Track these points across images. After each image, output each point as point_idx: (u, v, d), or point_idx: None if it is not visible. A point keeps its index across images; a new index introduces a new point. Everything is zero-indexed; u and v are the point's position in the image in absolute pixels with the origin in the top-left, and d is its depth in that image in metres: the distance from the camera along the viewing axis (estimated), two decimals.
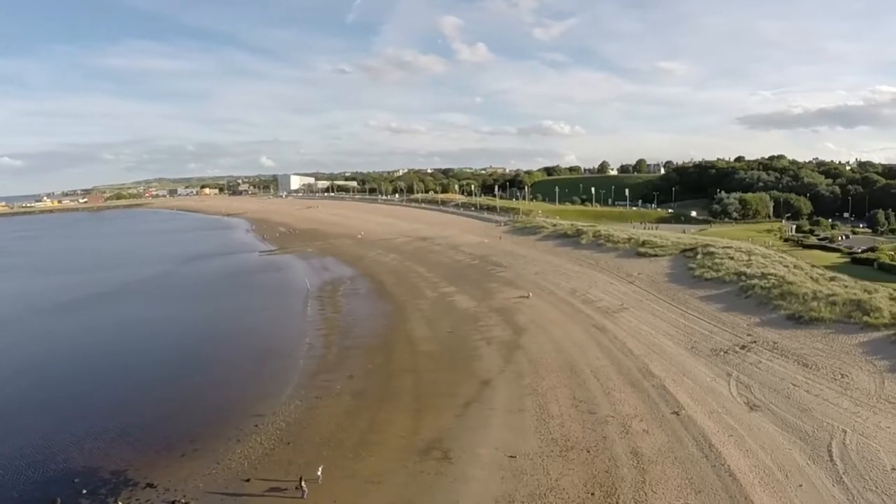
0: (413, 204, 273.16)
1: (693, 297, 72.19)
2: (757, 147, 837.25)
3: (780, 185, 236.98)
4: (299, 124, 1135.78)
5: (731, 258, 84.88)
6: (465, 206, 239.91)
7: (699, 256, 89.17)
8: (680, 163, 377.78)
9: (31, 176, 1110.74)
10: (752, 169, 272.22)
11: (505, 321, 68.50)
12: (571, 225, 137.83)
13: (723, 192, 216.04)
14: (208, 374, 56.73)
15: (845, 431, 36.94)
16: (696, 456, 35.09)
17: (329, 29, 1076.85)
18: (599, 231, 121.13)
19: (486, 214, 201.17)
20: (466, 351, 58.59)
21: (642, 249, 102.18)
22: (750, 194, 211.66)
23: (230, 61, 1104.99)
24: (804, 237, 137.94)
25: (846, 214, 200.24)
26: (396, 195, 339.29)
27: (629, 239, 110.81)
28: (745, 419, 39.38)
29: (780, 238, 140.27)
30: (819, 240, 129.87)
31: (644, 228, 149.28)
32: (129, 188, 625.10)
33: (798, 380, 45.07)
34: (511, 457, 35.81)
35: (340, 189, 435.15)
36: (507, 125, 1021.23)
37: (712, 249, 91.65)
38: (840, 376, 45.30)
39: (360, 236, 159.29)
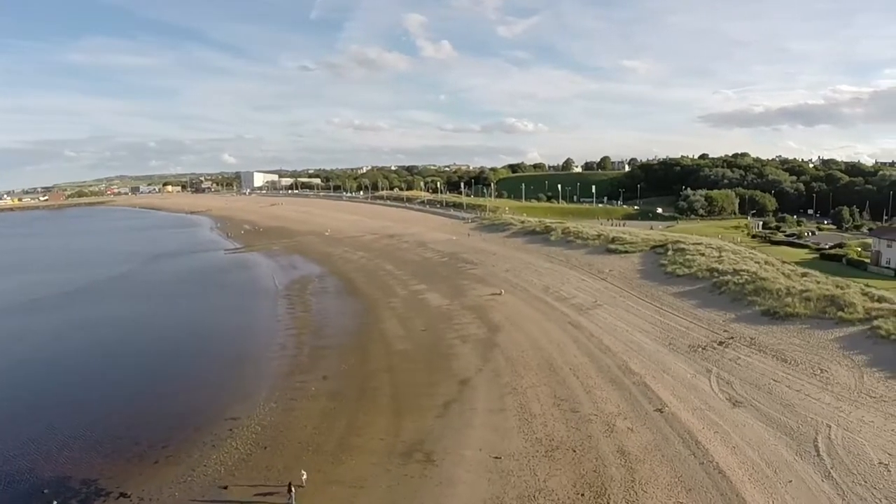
0: (378, 201, 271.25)
1: (667, 294, 72.24)
2: (719, 145, 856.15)
3: (746, 183, 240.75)
4: (262, 121, 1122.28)
5: (703, 254, 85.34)
6: (430, 203, 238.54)
7: (670, 253, 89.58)
8: (645, 160, 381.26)
9: None
10: (717, 166, 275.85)
11: (479, 319, 67.56)
12: (540, 222, 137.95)
13: (689, 189, 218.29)
14: (179, 377, 54.44)
15: (829, 426, 36.85)
16: (684, 454, 34.56)
17: (293, 25, 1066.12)
18: (568, 228, 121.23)
19: (452, 211, 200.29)
20: (442, 350, 57.41)
21: (612, 246, 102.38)
22: (716, 191, 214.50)
23: (193, 57, 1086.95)
24: (771, 234, 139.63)
25: (810, 211, 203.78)
26: (361, 192, 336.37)
27: (599, 236, 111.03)
28: (728, 415, 39.06)
29: (748, 234, 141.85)
30: (786, 236, 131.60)
31: (612, 225, 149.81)
32: (91, 186, 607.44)
33: (778, 375, 45.03)
34: (496, 458, 34.80)
35: (305, 186, 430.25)
36: (471, 122, 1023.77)
37: (683, 246, 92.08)
38: (819, 371, 45.41)
39: (326, 234, 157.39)
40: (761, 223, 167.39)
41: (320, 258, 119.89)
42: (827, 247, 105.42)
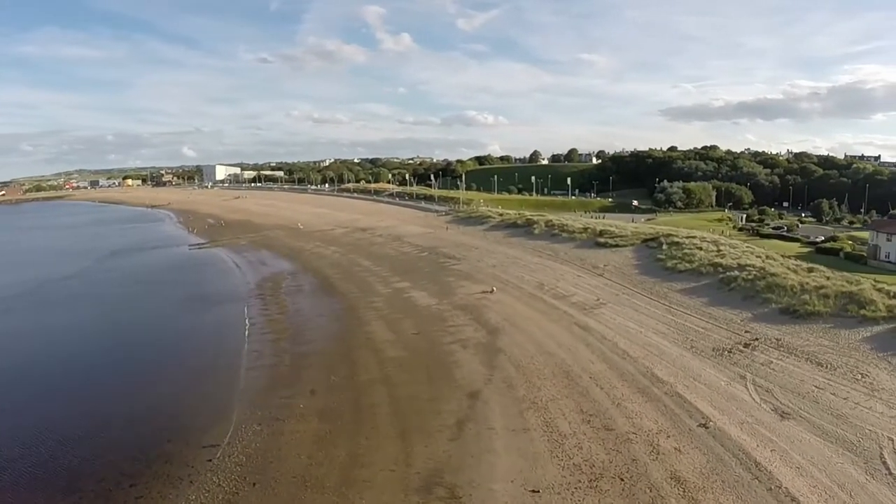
0: (345, 194, 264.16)
1: (672, 291, 67.99)
2: (679, 138, 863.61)
3: (720, 175, 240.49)
4: (219, 115, 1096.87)
5: (700, 248, 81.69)
6: (400, 195, 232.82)
7: (665, 247, 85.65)
8: (613, 152, 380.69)
9: None
10: (690, 158, 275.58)
11: (475, 320, 62.23)
12: (520, 214, 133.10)
13: (665, 181, 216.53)
14: (141, 396, 46.71)
15: (892, 439, 32.80)
16: (746, 478, 29.91)
17: (250, 17, 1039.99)
18: (552, 221, 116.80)
19: (424, 204, 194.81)
20: (440, 356, 51.89)
21: (602, 240, 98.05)
22: (693, 183, 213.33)
23: (146, 49, 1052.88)
24: (758, 226, 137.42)
25: (785, 204, 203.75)
26: (327, 185, 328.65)
27: (585, 229, 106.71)
28: (779, 429, 34.61)
29: (733, 227, 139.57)
30: (773, 229, 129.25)
31: (591, 218, 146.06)
32: (50, 180, 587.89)
33: (819, 381, 40.84)
34: (534, 492, 29.50)
35: (268, 179, 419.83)
36: (431, 115, 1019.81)
37: (677, 240, 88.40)
38: (860, 376, 41.41)
39: (299, 227, 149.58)
40: (744, 216, 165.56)
41: (290, 253, 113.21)
42: (820, 240, 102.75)
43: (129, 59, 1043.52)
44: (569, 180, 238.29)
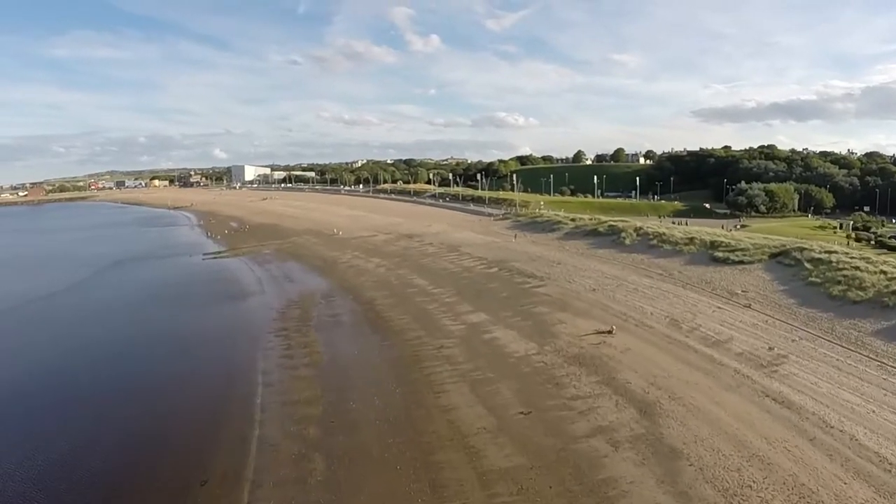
0: (381, 195, 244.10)
1: (864, 334, 45.57)
2: (711, 139, 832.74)
3: (794, 176, 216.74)
4: (248, 115, 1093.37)
5: (857, 268, 58.80)
6: (441, 196, 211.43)
7: (807, 265, 63.40)
8: (662, 151, 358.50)
9: None
10: (754, 158, 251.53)
11: (606, 384, 39.76)
12: (597, 219, 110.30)
13: (742, 182, 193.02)
14: None
15: None
16: None
17: (279, 18, 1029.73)
18: (644, 228, 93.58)
19: (472, 206, 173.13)
20: (581, 467, 29.51)
21: (718, 254, 75.05)
22: (774, 185, 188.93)
23: (175, 50, 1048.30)
24: (878, 236, 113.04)
25: (866, 208, 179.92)
26: (360, 186, 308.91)
27: (691, 239, 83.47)
28: None
29: (847, 236, 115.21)
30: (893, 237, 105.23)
31: (672, 223, 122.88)
32: (80, 181, 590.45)
33: None
34: None
35: (299, 180, 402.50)
36: (461, 117, 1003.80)
37: (816, 255, 65.90)
38: None
39: (335, 233, 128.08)
40: (850, 223, 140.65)
41: (323, 266, 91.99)
42: None
43: (159, 60, 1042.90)
44: (637, 180, 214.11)
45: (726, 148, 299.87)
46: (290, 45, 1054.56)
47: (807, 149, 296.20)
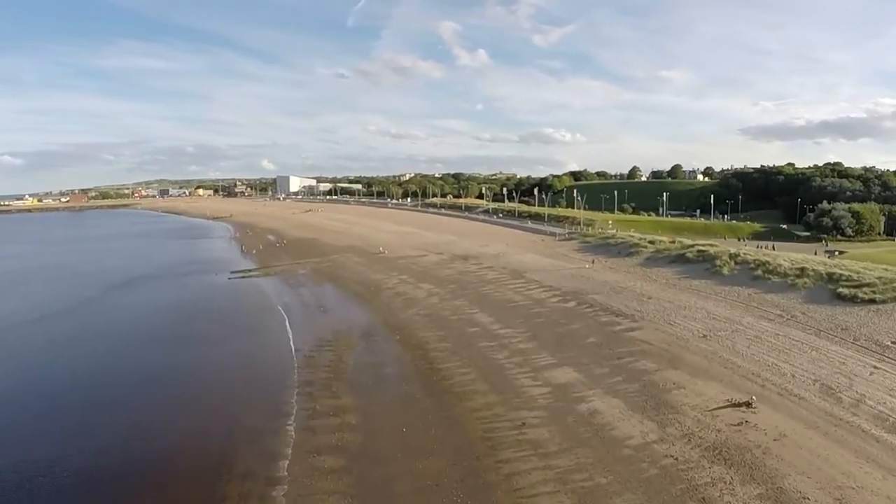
0: (431, 209, 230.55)
1: None
2: (760, 157, 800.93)
3: (874, 196, 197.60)
4: (295, 127, 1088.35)
5: None
6: (495, 212, 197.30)
7: None
8: (722, 168, 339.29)
9: (31, 175, 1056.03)
10: (826, 176, 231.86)
11: (772, 500, 25.02)
12: (678, 243, 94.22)
13: (825, 201, 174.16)
14: None
15: None
16: None
17: (326, 32, 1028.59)
18: (741, 255, 77.36)
19: (531, 224, 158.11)
20: None
21: (843, 290, 58.73)
22: (858, 205, 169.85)
23: (223, 62, 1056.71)
24: None
25: None
26: (409, 199, 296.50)
27: (802, 269, 67.10)
28: None
29: None
30: None
31: (758, 247, 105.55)
32: (127, 188, 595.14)
33: None
34: None
35: (345, 192, 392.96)
36: (507, 132, 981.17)
37: None
38: None
39: (381, 251, 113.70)
40: None
41: (365, 293, 78.37)
42: None
43: (207, 71, 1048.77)
44: (711, 198, 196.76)
45: (790, 164, 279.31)
46: (338, 58, 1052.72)
47: (886, 168, 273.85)
